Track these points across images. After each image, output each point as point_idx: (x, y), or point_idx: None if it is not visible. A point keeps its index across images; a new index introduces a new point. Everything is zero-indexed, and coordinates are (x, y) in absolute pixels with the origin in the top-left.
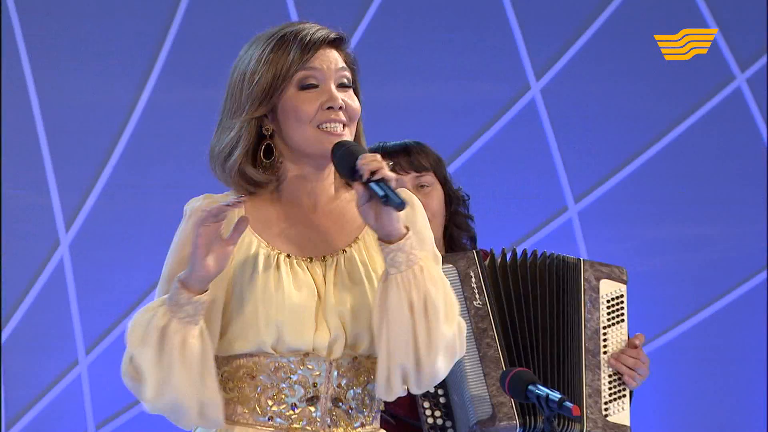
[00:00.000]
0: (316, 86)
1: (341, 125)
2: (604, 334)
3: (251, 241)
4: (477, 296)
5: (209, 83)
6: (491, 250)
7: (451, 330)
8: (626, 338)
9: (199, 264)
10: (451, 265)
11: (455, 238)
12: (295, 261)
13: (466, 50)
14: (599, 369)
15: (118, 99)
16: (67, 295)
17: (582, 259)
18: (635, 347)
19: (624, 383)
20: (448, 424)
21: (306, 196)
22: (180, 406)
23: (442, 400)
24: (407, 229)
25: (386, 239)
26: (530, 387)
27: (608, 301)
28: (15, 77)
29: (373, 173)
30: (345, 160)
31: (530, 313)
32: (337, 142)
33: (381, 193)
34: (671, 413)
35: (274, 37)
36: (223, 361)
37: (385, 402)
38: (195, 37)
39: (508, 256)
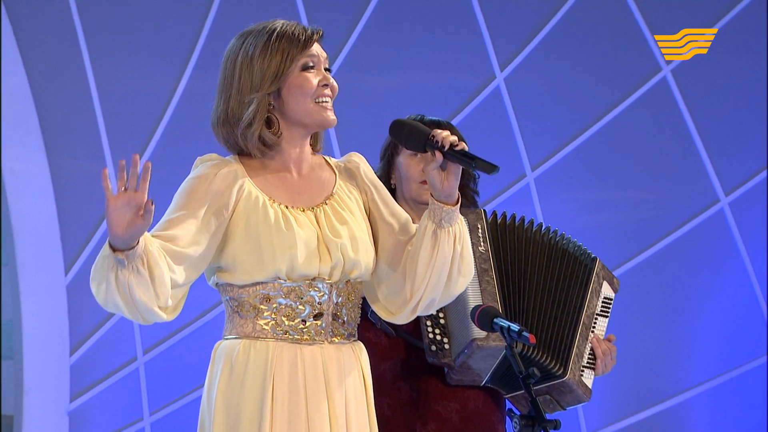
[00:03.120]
0: (313, 67)
1: (330, 101)
2: (595, 320)
3: (257, 195)
4: (482, 243)
5: None
6: (493, 211)
7: (472, 270)
8: (605, 332)
9: (115, 228)
10: (463, 217)
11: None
12: (292, 210)
13: (442, 46)
14: (586, 341)
15: (161, 86)
16: None
17: (598, 258)
18: (610, 341)
19: (594, 361)
20: (445, 340)
21: (294, 160)
22: (122, 313)
23: (441, 321)
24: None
25: (445, 200)
26: (495, 320)
27: (604, 298)
28: (77, 68)
29: (453, 145)
30: (415, 134)
31: (529, 270)
32: (397, 121)
33: (473, 162)
34: None
35: (273, 30)
36: (240, 289)
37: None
38: (223, 36)
39: (508, 217)
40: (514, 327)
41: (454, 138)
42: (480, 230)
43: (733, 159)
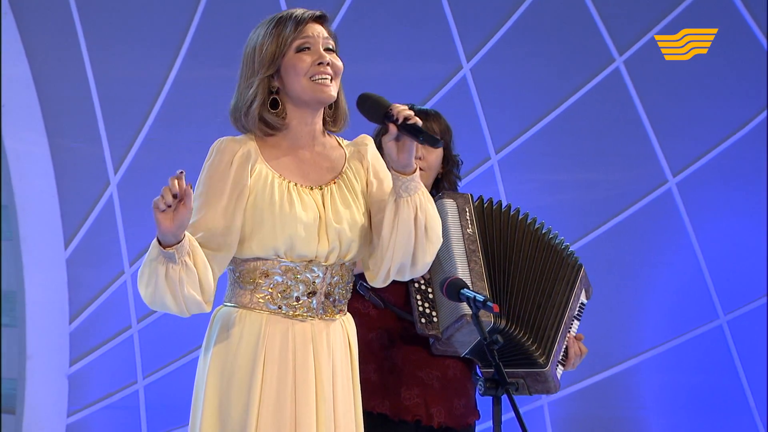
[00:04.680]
0: (308, 48)
1: (329, 78)
2: (572, 321)
3: (267, 173)
4: (470, 225)
5: (222, 64)
6: (480, 196)
7: (440, 238)
8: (574, 333)
9: (162, 227)
10: (452, 200)
11: (443, 189)
12: (300, 188)
13: (413, 39)
14: (564, 339)
15: (153, 75)
16: (116, 222)
17: (583, 265)
18: (579, 340)
19: (566, 359)
20: (434, 313)
21: (306, 138)
22: (168, 310)
23: (430, 295)
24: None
25: (402, 170)
26: (462, 291)
27: (581, 303)
28: (75, 59)
29: (406, 118)
30: (376, 107)
31: (514, 255)
32: (362, 94)
33: (420, 136)
34: None
35: (274, 18)
36: (242, 262)
37: (380, 290)
38: (211, 28)
39: (494, 203)
40: (480, 297)
41: (409, 113)
42: (468, 213)
43: (680, 143)
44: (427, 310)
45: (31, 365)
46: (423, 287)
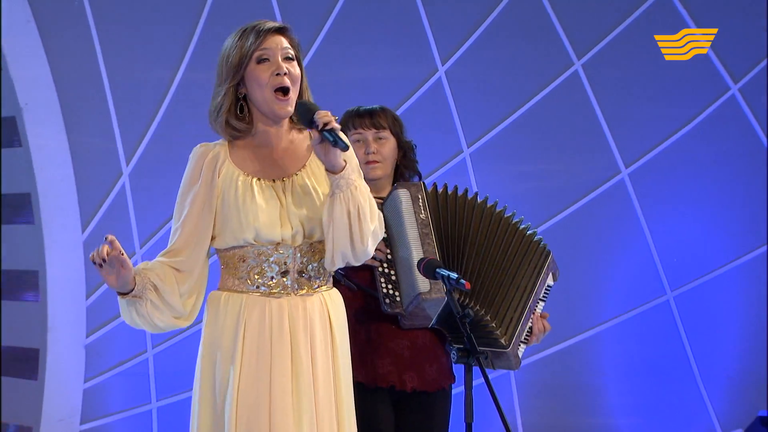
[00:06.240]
0: (268, 60)
1: (290, 88)
2: (536, 303)
3: (233, 172)
4: (422, 211)
5: None
6: (434, 183)
7: (374, 224)
8: (539, 313)
9: (109, 284)
10: (405, 190)
11: (404, 174)
12: (263, 182)
13: (393, 45)
14: (528, 321)
15: (161, 76)
16: (128, 208)
17: (551, 253)
18: (544, 318)
19: (529, 337)
20: (396, 293)
21: (273, 137)
22: (145, 329)
23: (393, 278)
24: (345, 162)
25: (331, 170)
26: (437, 269)
27: (547, 286)
28: (91, 62)
29: (325, 124)
30: (305, 113)
31: (470, 234)
32: (298, 101)
33: (331, 138)
34: None
35: (240, 30)
36: (223, 251)
37: (351, 275)
38: (213, 35)
39: (449, 188)
40: (453, 275)
41: (329, 119)
42: (420, 200)
43: (632, 137)
44: (390, 291)
45: (52, 336)
46: (386, 270)
